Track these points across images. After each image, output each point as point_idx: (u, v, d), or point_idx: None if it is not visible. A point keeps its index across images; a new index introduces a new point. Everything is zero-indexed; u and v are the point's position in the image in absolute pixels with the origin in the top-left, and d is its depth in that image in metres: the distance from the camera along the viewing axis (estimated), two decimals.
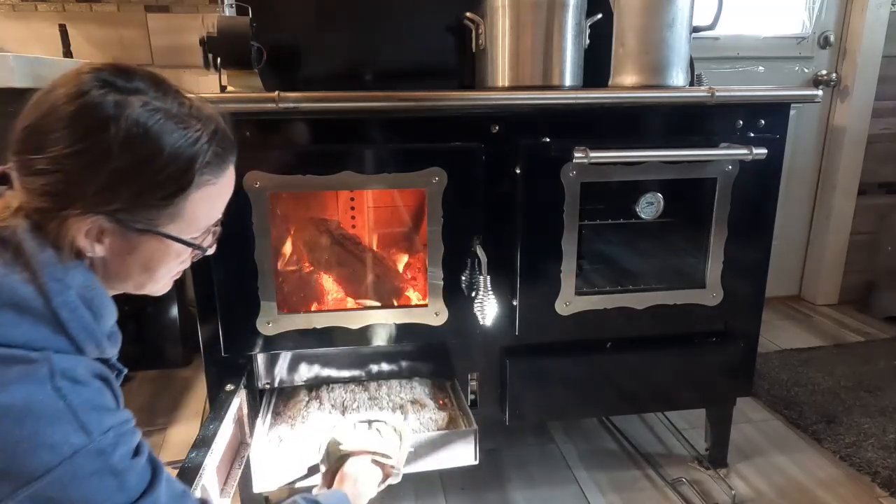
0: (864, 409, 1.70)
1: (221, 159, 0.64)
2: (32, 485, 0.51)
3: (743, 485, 1.42)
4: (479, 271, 1.17)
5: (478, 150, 1.16)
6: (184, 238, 0.65)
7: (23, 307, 0.55)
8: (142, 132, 0.57)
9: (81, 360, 0.57)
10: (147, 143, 0.58)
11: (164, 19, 1.86)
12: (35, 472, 0.51)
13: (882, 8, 2.21)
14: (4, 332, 0.53)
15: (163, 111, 0.59)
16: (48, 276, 0.56)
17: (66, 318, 0.57)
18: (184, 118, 0.61)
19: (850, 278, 2.49)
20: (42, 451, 0.51)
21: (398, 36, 1.58)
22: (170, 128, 0.59)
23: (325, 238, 1.37)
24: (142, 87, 0.60)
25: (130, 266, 0.64)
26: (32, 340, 0.54)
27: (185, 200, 0.62)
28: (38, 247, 0.57)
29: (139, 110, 0.58)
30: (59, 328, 0.56)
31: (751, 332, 1.40)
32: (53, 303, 0.56)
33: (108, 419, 0.56)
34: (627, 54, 1.28)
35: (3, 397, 0.51)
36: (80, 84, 0.57)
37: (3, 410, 0.51)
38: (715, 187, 1.25)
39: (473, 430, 1.17)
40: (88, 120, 0.56)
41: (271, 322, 1.17)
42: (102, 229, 0.60)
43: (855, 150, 2.35)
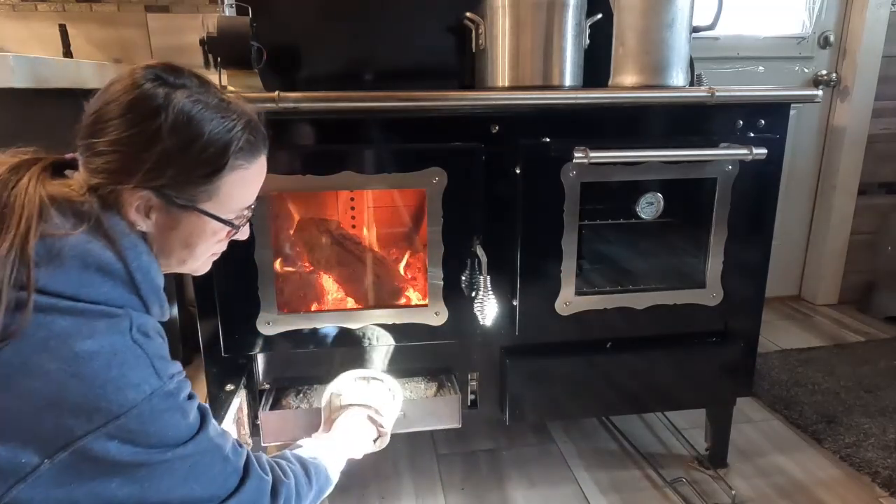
0: (864, 409, 1.70)
1: (253, 147, 0.74)
2: (120, 418, 0.59)
3: (743, 485, 1.42)
4: (479, 271, 1.17)
5: (478, 150, 1.16)
6: (220, 216, 0.73)
7: (106, 270, 0.64)
8: (186, 119, 0.67)
9: (149, 318, 0.67)
10: (190, 128, 0.67)
11: (164, 19, 1.86)
12: (122, 407, 0.59)
13: (882, 8, 2.21)
14: (92, 291, 0.62)
15: (204, 102, 0.69)
16: (125, 243, 0.66)
17: (140, 280, 0.66)
18: (222, 109, 0.70)
19: (850, 278, 2.49)
20: (128, 390, 0.60)
21: (398, 36, 1.58)
22: (209, 116, 0.69)
23: (325, 238, 1.37)
24: (187, 82, 0.70)
25: (173, 241, 0.73)
26: (113, 298, 0.64)
27: (221, 181, 0.71)
28: (111, 218, 0.66)
29: (184, 101, 0.67)
30: (133, 289, 0.66)
31: (751, 332, 1.40)
32: (131, 267, 0.65)
33: (172, 367, 0.67)
34: (627, 54, 1.28)
35: (93, 344, 0.59)
36: (135, 78, 0.67)
37: (93, 355, 0.59)
38: (715, 187, 1.25)
39: (458, 396, 1.25)
40: (142, 108, 0.66)
41: (271, 322, 1.17)
42: (150, 204, 0.69)
43: (855, 150, 2.35)
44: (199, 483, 0.67)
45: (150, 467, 0.62)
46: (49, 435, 0.57)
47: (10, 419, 0.57)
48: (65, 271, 0.61)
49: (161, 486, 0.63)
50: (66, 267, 0.61)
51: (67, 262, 0.61)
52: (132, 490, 0.61)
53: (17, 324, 0.57)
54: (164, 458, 0.63)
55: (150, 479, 0.62)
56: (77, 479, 0.59)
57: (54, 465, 0.57)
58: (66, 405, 0.58)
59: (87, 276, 0.62)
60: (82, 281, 0.62)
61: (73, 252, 0.62)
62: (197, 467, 0.67)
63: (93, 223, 0.64)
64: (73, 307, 0.60)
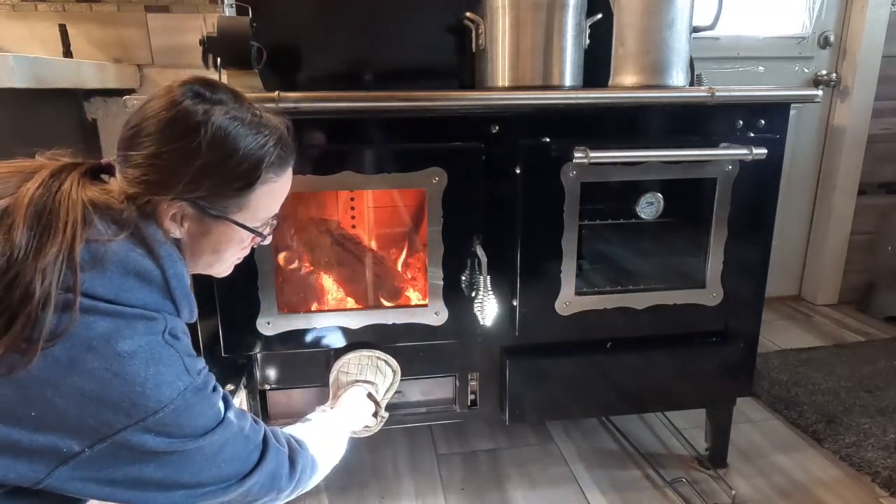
0: (864, 409, 1.70)
1: (284, 161, 0.78)
2: (157, 413, 0.64)
3: (743, 485, 1.42)
4: (479, 271, 1.17)
5: (478, 150, 1.16)
6: (249, 225, 0.78)
7: (145, 276, 0.68)
8: (223, 135, 0.71)
9: (178, 320, 0.72)
10: (227, 145, 0.71)
11: (164, 19, 1.86)
12: (159, 403, 0.64)
13: (882, 8, 2.21)
14: (131, 296, 0.66)
15: (240, 119, 0.73)
16: (162, 252, 0.70)
17: (174, 286, 0.71)
18: (256, 125, 0.74)
19: (850, 278, 2.49)
20: (164, 387, 0.65)
21: (398, 36, 1.58)
22: (245, 132, 0.72)
23: (325, 238, 1.37)
24: (224, 98, 0.73)
25: (203, 247, 0.77)
26: (150, 303, 0.68)
27: (252, 193, 0.75)
28: (149, 227, 0.70)
29: (222, 117, 0.71)
30: (168, 294, 0.70)
31: (751, 332, 1.40)
32: (167, 274, 0.70)
33: (199, 363, 0.72)
34: (627, 54, 1.28)
35: (132, 344, 0.64)
36: (175, 95, 0.71)
37: (132, 355, 0.63)
38: (715, 187, 1.25)
39: (453, 375, 1.33)
40: (182, 124, 0.69)
41: (271, 322, 1.17)
42: (185, 214, 0.73)
43: (855, 150, 2.35)
44: (227, 462, 0.73)
45: (182, 453, 0.67)
46: (90, 427, 0.61)
47: (55, 411, 0.60)
48: (107, 276, 0.65)
49: (193, 468, 0.69)
50: (108, 272, 0.65)
51: (110, 267, 0.65)
52: (167, 472, 0.67)
53: (66, 324, 0.61)
54: (196, 444, 0.68)
55: (182, 462, 0.68)
56: (115, 463, 0.64)
57: (94, 452, 0.62)
58: (108, 401, 0.62)
59: (127, 281, 0.66)
60: (123, 286, 0.66)
61: (116, 258, 0.66)
62: (224, 448, 0.72)
63: (132, 230, 0.68)
64: (113, 310, 0.64)
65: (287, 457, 0.83)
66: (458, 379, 1.34)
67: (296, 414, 1.29)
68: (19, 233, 0.62)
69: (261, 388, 1.28)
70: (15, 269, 0.60)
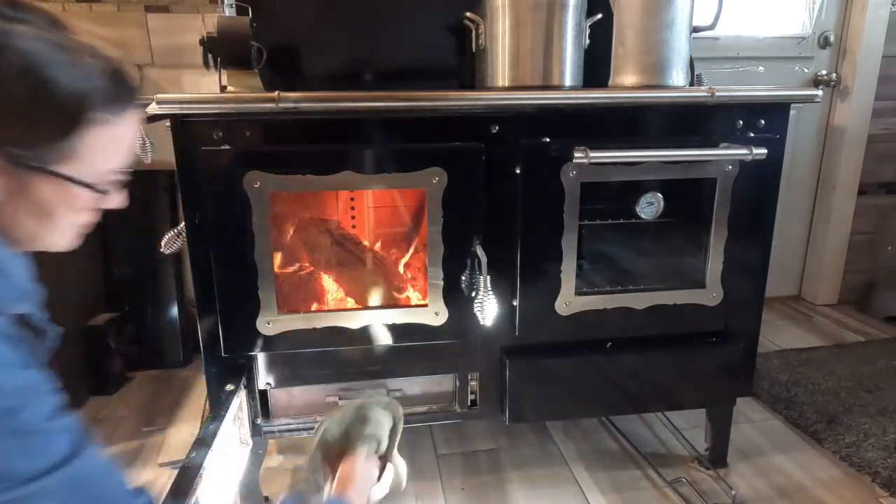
0: (864, 409, 1.70)
1: (119, 100, 0.61)
2: None
3: (743, 485, 1.42)
4: (479, 271, 1.17)
5: (478, 150, 1.16)
6: (78, 178, 0.60)
7: None
8: (30, 61, 0.55)
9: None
10: (35, 73, 0.55)
11: (164, 19, 1.86)
12: None
13: (882, 8, 2.21)
14: None
15: (53, 43, 0.57)
16: None
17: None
18: (76, 52, 0.58)
19: (850, 278, 2.49)
20: None
21: (398, 36, 1.58)
22: (61, 59, 0.57)
23: (325, 238, 1.37)
24: (31, 18, 0.57)
25: (22, 210, 0.59)
26: None
27: (79, 138, 0.58)
28: None
29: (27, 41, 0.55)
30: None
31: (751, 332, 1.40)
32: None
33: (18, 378, 0.54)
34: (627, 54, 1.28)
35: None
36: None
37: None
38: (715, 187, 1.25)
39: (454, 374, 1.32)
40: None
41: (271, 322, 1.17)
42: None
43: (855, 150, 2.35)
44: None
45: None
46: None
47: None
48: None
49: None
50: None
51: None
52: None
53: None
54: (14, 496, 0.50)
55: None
56: None
57: None
58: None
59: None
60: None
61: None
62: (73, 499, 0.54)
63: None
64: None
65: None
66: (458, 379, 1.34)
67: (296, 413, 1.29)
68: None
69: (261, 388, 1.28)
70: None
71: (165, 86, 1.91)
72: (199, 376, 1.87)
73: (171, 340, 1.98)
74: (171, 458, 1.49)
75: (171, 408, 1.72)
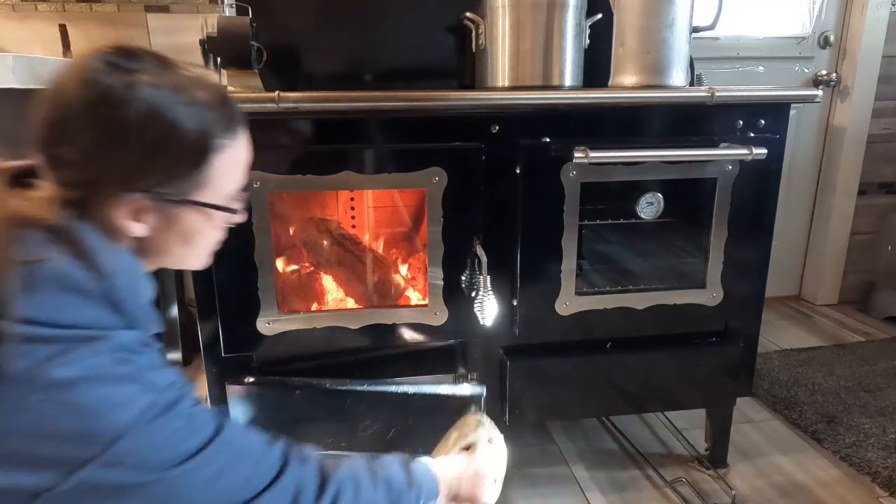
0: (864, 409, 1.70)
1: (232, 123, 0.67)
2: (118, 441, 0.56)
3: (743, 485, 1.42)
4: (479, 271, 1.17)
5: (478, 150, 1.16)
6: (216, 203, 0.68)
7: (83, 291, 0.58)
8: (155, 108, 0.60)
9: (134, 333, 0.62)
10: (162, 117, 0.60)
11: (164, 19, 1.86)
12: (118, 428, 0.57)
13: (882, 8, 2.21)
14: (69, 315, 0.58)
15: (170, 85, 0.62)
16: (101, 260, 0.60)
17: (121, 298, 0.61)
18: (189, 89, 0.63)
19: (850, 278, 2.49)
20: (120, 409, 0.57)
21: (398, 36, 1.58)
22: (179, 100, 0.62)
23: (325, 238, 1.37)
24: (145, 65, 0.62)
25: (171, 240, 0.68)
26: (95, 321, 0.59)
27: (209, 166, 0.65)
28: (88, 234, 0.61)
29: (148, 89, 0.60)
30: (115, 308, 0.60)
31: (751, 332, 1.40)
32: (108, 285, 0.60)
33: (168, 376, 0.63)
34: (627, 54, 1.28)
35: (74, 370, 0.56)
36: (88, 72, 0.59)
37: (76, 381, 0.56)
38: (715, 187, 1.25)
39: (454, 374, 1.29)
40: (103, 106, 0.59)
41: (271, 322, 1.17)
42: (140, 207, 0.63)
43: (855, 150, 2.35)
44: (228, 485, 0.64)
45: (163, 483, 0.59)
46: (49, 465, 0.55)
47: (6, 454, 0.55)
48: (41, 297, 0.57)
49: (186, 495, 0.61)
50: (43, 293, 0.57)
51: (44, 287, 0.57)
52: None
53: (4, 361, 0.54)
54: (178, 471, 0.60)
55: (168, 492, 0.60)
56: (89, 498, 0.57)
57: (59, 493, 0.56)
58: (60, 435, 0.56)
59: (63, 299, 0.58)
60: (59, 305, 0.57)
61: (50, 275, 0.57)
62: (222, 472, 0.63)
63: (68, 241, 0.59)
64: (50, 335, 0.56)
65: (316, 478, 0.70)
66: (457, 379, 1.34)
67: None
68: None
69: None
70: None
71: None
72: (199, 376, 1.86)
73: (170, 340, 1.98)
74: None
75: None
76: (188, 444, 0.61)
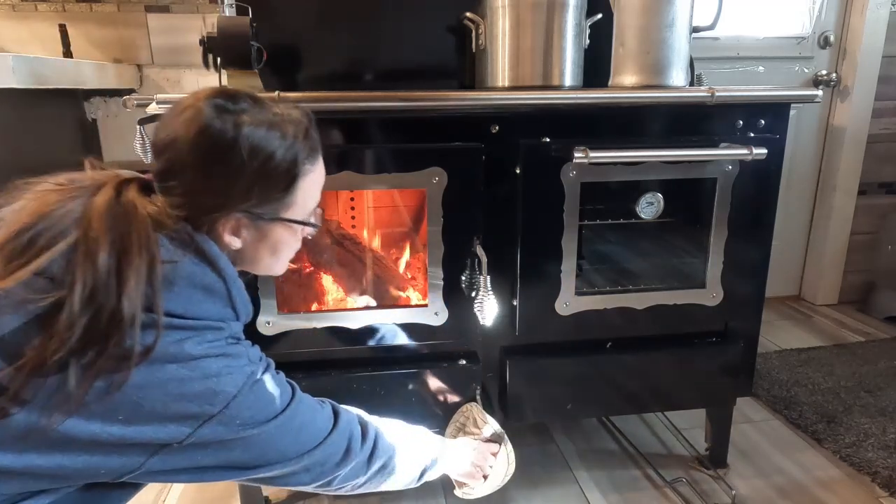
0: (864, 409, 1.70)
1: (314, 151, 0.81)
2: (236, 397, 0.71)
3: (743, 485, 1.42)
4: (479, 271, 1.17)
5: (478, 150, 1.16)
6: (300, 219, 0.81)
7: (210, 290, 0.73)
8: (257, 144, 0.73)
9: (238, 324, 0.78)
10: (263, 151, 0.73)
11: (164, 19, 1.86)
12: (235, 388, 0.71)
13: (882, 8, 2.21)
14: (199, 308, 0.71)
15: (267, 122, 0.74)
16: (222, 265, 0.74)
17: (235, 296, 0.76)
18: (282, 125, 0.76)
19: (850, 278, 2.49)
20: (236, 374, 0.72)
21: (398, 36, 1.58)
22: (274, 135, 0.74)
23: (325, 238, 1.37)
24: (246, 106, 0.74)
25: (262, 251, 0.82)
26: (216, 314, 0.73)
27: (297, 189, 0.78)
28: (209, 244, 0.74)
29: (250, 128, 0.72)
30: (229, 304, 0.75)
31: (751, 332, 1.40)
32: (228, 285, 0.74)
33: (257, 351, 0.79)
34: (627, 54, 1.28)
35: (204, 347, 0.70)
36: (202, 117, 0.71)
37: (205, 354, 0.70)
38: (715, 187, 1.25)
39: None
40: (218, 145, 0.71)
41: (271, 322, 1.17)
42: (240, 225, 0.77)
43: (855, 150, 2.35)
44: (306, 434, 0.81)
45: (262, 436, 0.74)
46: (177, 421, 0.68)
47: (143, 412, 0.66)
48: (175, 293, 0.69)
49: (277, 445, 0.76)
50: (176, 289, 0.69)
51: (179, 283, 0.70)
52: (253, 454, 0.74)
53: (151, 342, 0.66)
54: (277, 423, 0.76)
55: (266, 442, 0.75)
56: (204, 451, 0.71)
57: (183, 445, 0.68)
58: (189, 395, 0.68)
59: (195, 295, 0.71)
60: (191, 300, 0.70)
61: (183, 274, 0.70)
62: (303, 422, 0.80)
63: (196, 248, 0.72)
64: (184, 324, 0.69)
65: (357, 422, 0.90)
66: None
67: None
68: (101, 257, 0.65)
69: None
70: (101, 294, 0.64)
71: (165, 86, 1.91)
72: None
73: None
74: None
75: None
76: (281, 400, 0.78)
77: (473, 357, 1.30)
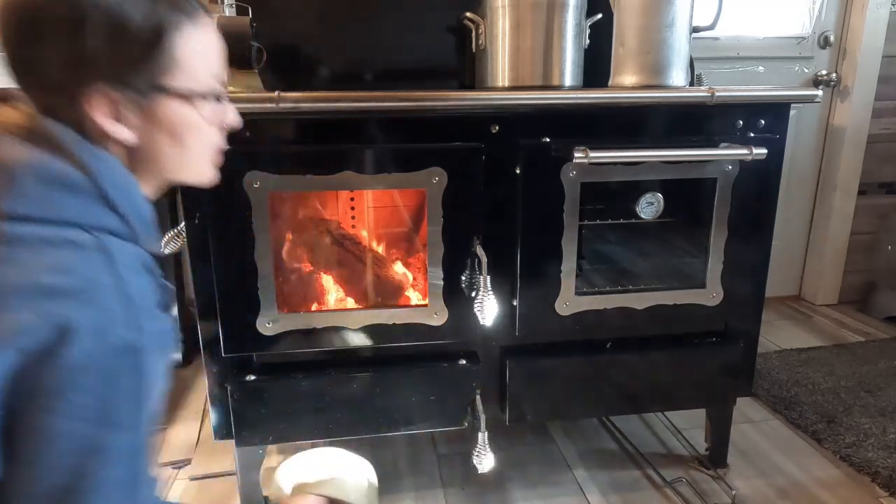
0: (864, 409, 1.70)
1: (186, 7, 0.64)
2: (72, 348, 0.51)
3: (743, 485, 1.42)
4: (479, 271, 1.17)
5: (478, 150, 1.16)
6: (192, 88, 0.64)
7: (69, 184, 0.56)
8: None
9: (136, 249, 0.60)
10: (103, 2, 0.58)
11: None
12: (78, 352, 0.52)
13: (882, 8, 2.21)
14: (57, 210, 0.55)
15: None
16: (86, 155, 0.58)
17: (114, 195, 0.59)
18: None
19: (850, 278, 2.49)
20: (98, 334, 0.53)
21: (398, 36, 1.58)
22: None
23: (325, 238, 1.37)
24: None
25: (159, 140, 0.64)
26: (85, 217, 0.57)
27: (171, 46, 0.62)
28: (66, 133, 0.59)
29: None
30: (108, 205, 0.59)
31: (751, 332, 1.40)
32: (99, 178, 0.58)
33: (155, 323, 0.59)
34: (627, 54, 1.28)
35: (60, 278, 0.53)
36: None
37: (58, 287, 0.52)
38: (715, 187, 1.25)
39: None
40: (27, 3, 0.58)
41: (271, 322, 1.17)
42: (114, 100, 0.60)
43: (855, 150, 2.35)
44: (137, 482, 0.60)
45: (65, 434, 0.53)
46: None
47: None
48: (22, 191, 0.55)
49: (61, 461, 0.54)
50: (21, 185, 0.55)
51: (21, 179, 0.55)
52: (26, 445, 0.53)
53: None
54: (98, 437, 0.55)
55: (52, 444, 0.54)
56: None
57: None
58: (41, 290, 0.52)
59: (48, 192, 0.55)
60: (45, 198, 0.55)
61: (27, 169, 0.56)
62: (134, 465, 0.60)
63: (45, 140, 0.58)
64: (36, 233, 0.54)
65: None
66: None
67: None
68: None
69: None
70: None
71: None
72: (199, 376, 1.86)
73: None
74: (171, 458, 1.49)
75: (171, 408, 1.72)
76: (124, 412, 0.57)
77: (473, 357, 1.30)
